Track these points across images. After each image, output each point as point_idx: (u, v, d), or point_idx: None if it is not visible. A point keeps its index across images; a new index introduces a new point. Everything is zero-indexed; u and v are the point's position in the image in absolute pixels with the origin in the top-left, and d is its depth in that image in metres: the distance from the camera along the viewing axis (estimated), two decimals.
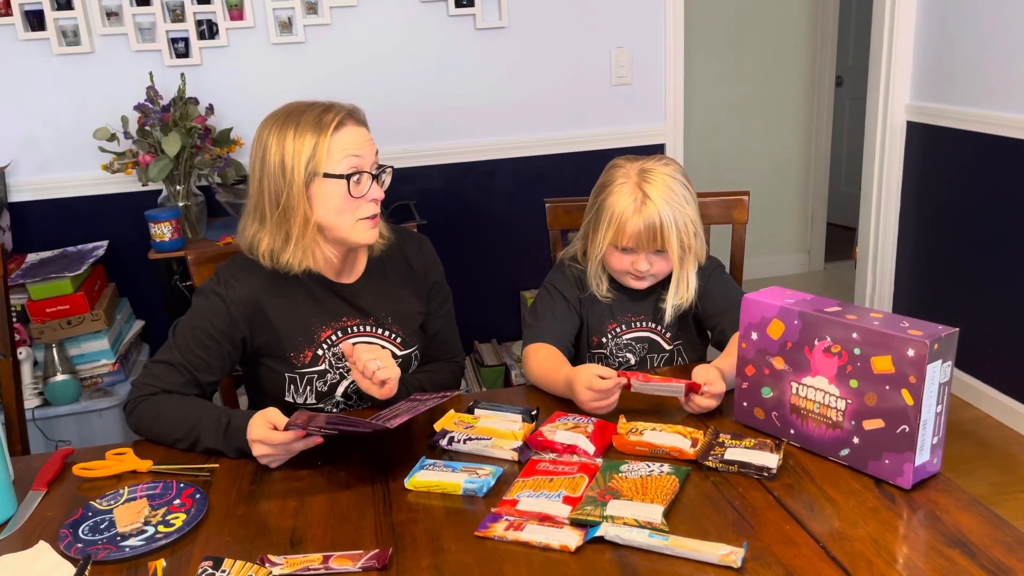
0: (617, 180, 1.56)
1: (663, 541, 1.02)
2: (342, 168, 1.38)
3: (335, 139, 1.37)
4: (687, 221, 1.54)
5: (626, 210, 1.52)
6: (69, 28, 2.64)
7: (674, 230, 1.52)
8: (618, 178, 1.56)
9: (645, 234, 1.52)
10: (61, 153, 2.73)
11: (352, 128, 1.40)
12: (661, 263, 1.57)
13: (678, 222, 1.52)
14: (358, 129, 1.41)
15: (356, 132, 1.40)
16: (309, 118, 1.38)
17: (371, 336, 1.51)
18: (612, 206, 1.54)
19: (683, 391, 1.35)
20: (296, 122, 1.38)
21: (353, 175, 1.38)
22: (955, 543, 1.02)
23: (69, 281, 2.39)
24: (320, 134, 1.37)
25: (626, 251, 1.56)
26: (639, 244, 1.53)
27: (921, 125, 3.07)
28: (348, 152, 1.38)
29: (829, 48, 4.24)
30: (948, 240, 3.02)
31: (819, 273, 4.56)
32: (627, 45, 3.06)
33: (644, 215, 1.51)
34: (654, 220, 1.51)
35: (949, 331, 1.09)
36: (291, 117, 1.39)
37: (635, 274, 1.58)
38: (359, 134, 1.41)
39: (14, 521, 1.17)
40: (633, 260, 1.56)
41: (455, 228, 3.05)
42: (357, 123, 1.41)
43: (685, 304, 1.61)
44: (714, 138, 4.16)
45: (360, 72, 2.87)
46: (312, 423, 1.20)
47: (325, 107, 1.40)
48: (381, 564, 1.01)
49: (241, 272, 1.45)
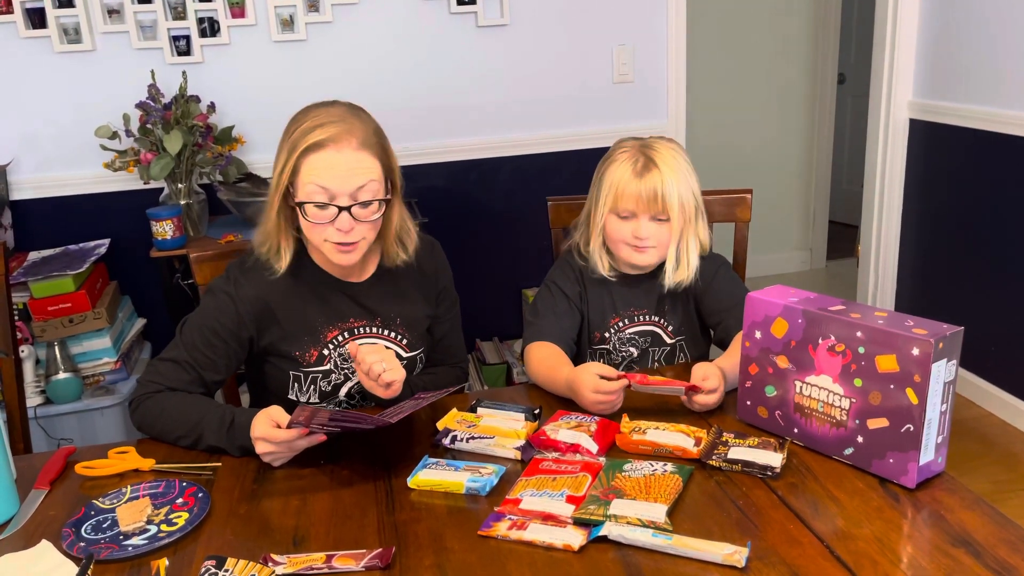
0: (619, 151, 1.57)
1: (667, 540, 1.01)
2: (302, 193, 1.34)
3: (305, 161, 1.33)
4: (689, 192, 1.54)
5: (626, 174, 1.53)
6: (70, 26, 2.63)
7: (676, 196, 1.52)
8: (620, 150, 1.57)
9: (645, 195, 1.51)
10: (62, 151, 2.73)
11: (330, 154, 1.32)
12: (662, 232, 1.55)
13: (680, 189, 1.53)
14: (339, 155, 1.32)
15: (333, 158, 1.32)
16: (299, 129, 1.34)
17: (377, 337, 1.50)
18: (612, 174, 1.55)
19: (683, 392, 1.35)
20: (292, 128, 1.37)
21: (306, 203, 1.34)
22: (960, 542, 1.01)
23: (71, 279, 2.38)
24: (292, 152, 1.34)
25: (626, 219, 1.55)
26: (639, 207, 1.53)
27: (924, 123, 3.06)
28: (312, 179, 1.32)
29: (831, 45, 4.23)
30: (951, 238, 3.01)
31: (821, 271, 4.55)
32: (629, 42, 3.06)
33: (645, 178, 1.52)
34: (655, 182, 1.51)
35: (954, 330, 1.09)
36: (295, 120, 1.38)
37: (635, 244, 1.56)
38: (337, 161, 1.32)
39: (16, 520, 1.16)
40: (633, 228, 1.55)
41: (457, 226, 3.05)
42: (344, 147, 1.32)
43: (685, 282, 1.59)
44: (716, 136, 4.15)
45: (361, 70, 2.87)
46: (315, 421, 1.19)
47: (320, 122, 1.33)
48: (384, 563, 1.01)
49: (251, 270, 1.44)
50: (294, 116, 1.39)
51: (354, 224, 1.35)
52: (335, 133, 1.33)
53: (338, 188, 1.33)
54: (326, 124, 1.33)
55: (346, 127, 1.34)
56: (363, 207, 1.36)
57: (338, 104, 1.40)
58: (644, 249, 1.56)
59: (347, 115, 1.36)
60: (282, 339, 1.45)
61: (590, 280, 1.64)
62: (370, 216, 1.37)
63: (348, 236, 1.36)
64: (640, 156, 1.54)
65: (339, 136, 1.33)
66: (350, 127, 1.34)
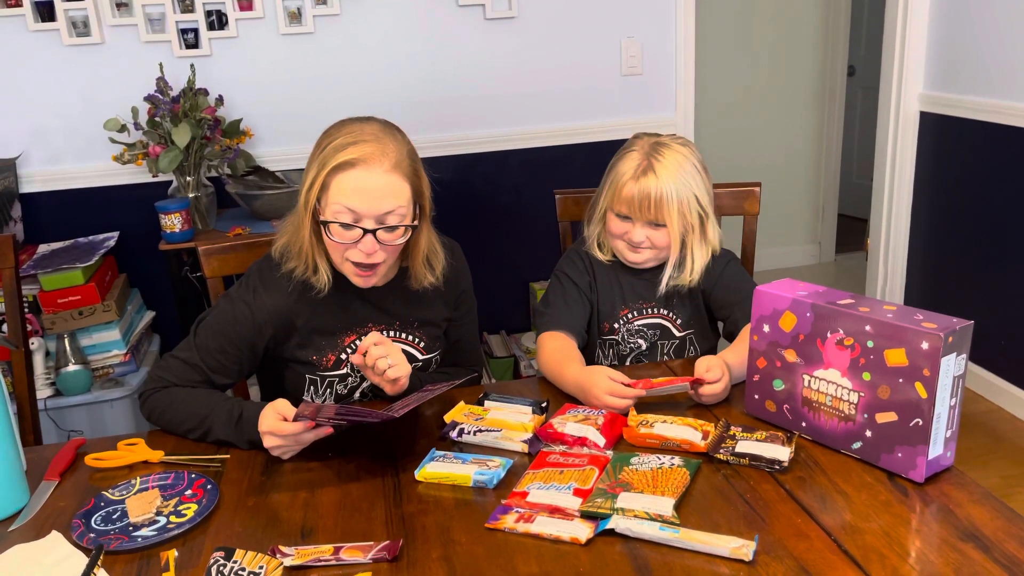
0: (631, 148, 1.57)
1: (674, 534, 1.01)
2: (329, 212, 1.31)
3: (334, 180, 1.30)
4: (691, 198, 1.53)
5: (626, 174, 1.53)
6: (79, 19, 2.64)
7: (674, 204, 1.51)
8: (632, 146, 1.57)
9: (639, 201, 1.51)
10: (71, 144, 2.74)
11: (360, 174, 1.29)
12: (659, 237, 1.55)
13: (680, 197, 1.51)
14: (369, 176, 1.29)
15: (363, 179, 1.29)
16: (331, 146, 1.31)
17: (394, 340, 1.48)
18: (616, 169, 1.56)
19: (688, 387, 1.36)
20: (324, 143, 1.34)
21: (331, 223, 1.31)
22: (968, 537, 1.01)
23: (80, 272, 2.39)
24: (322, 168, 1.31)
25: (623, 218, 1.55)
26: (632, 211, 1.53)
27: (934, 115, 3.04)
28: (340, 199, 1.30)
29: (841, 37, 4.20)
30: (961, 232, 2.99)
31: (830, 265, 4.53)
32: (637, 35, 3.04)
33: (641, 183, 1.51)
34: (650, 190, 1.50)
35: (964, 324, 1.08)
36: (328, 134, 1.35)
37: (629, 244, 1.57)
38: (368, 181, 1.29)
39: (27, 511, 1.17)
40: (628, 229, 1.55)
41: (464, 219, 3.05)
42: (375, 168, 1.29)
43: (686, 285, 1.60)
44: (725, 128, 4.14)
45: (369, 62, 2.86)
46: (320, 414, 1.20)
47: (353, 140, 1.30)
48: (391, 555, 1.01)
49: (271, 278, 1.41)
50: (327, 129, 1.36)
51: (377, 247, 1.33)
52: (367, 153, 1.29)
53: (365, 210, 1.30)
54: (359, 142, 1.30)
55: (379, 147, 1.31)
56: (389, 231, 1.33)
57: (373, 121, 1.36)
58: (638, 250, 1.57)
59: (381, 134, 1.33)
60: (300, 346, 1.44)
61: (600, 270, 1.64)
62: (395, 240, 1.35)
63: (370, 259, 1.33)
64: (644, 159, 1.53)
65: (371, 156, 1.30)
66: (383, 148, 1.31)
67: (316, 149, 1.35)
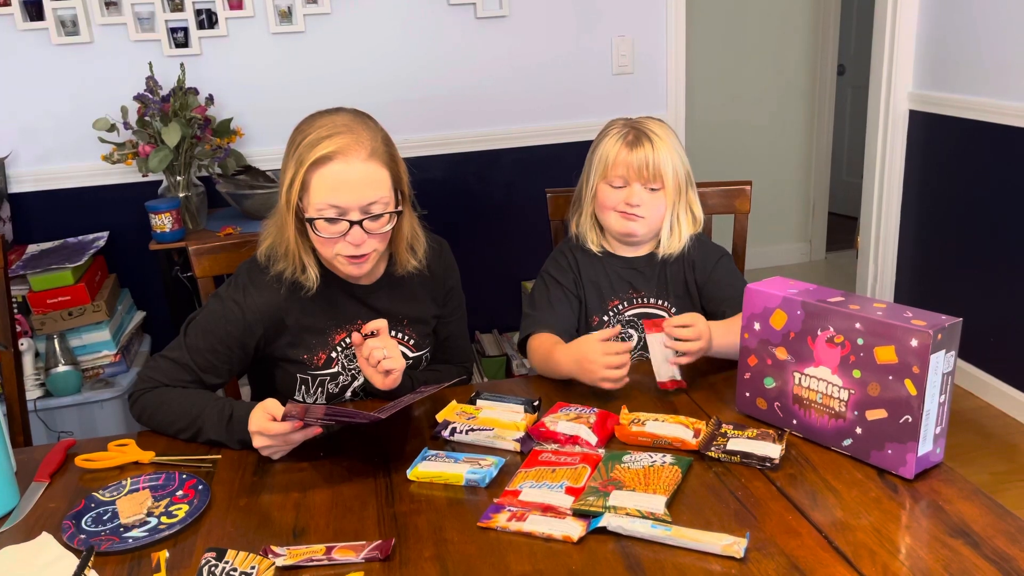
0: (610, 128, 1.60)
1: (666, 532, 1.01)
2: (313, 210, 1.31)
3: (313, 176, 1.29)
4: (680, 162, 1.57)
5: (618, 145, 1.55)
6: (68, 18, 2.63)
7: (668, 165, 1.54)
8: (611, 127, 1.60)
9: (637, 163, 1.53)
10: (61, 144, 2.72)
11: (339, 167, 1.29)
12: (655, 201, 1.56)
13: (672, 158, 1.55)
14: (348, 167, 1.29)
15: (343, 172, 1.29)
16: (305, 142, 1.30)
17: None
18: (604, 147, 1.58)
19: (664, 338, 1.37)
20: (297, 139, 1.33)
21: (316, 219, 1.31)
22: (958, 533, 1.01)
23: (70, 272, 2.38)
24: (299, 167, 1.30)
25: (618, 188, 1.57)
26: (630, 174, 1.54)
27: (924, 114, 3.05)
28: (322, 196, 1.30)
29: (831, 36, 4.22)
30: (950, 229, 3.01)
31: (820, 263, 4.55)
32: (628, 33, 3.05)
33: (636, 150, 1.54)
34: (647, 152, 1.53)
35: (953, 321, 1.09)
36: (299, 130, 1.34)
37: (625, 211, 1.56)
38: (348, 173, 1.29)
39: (17, 512, 1.17)
40: (626, 195, 1.56)
41: (456, 218, 3.05)
42: (352, 158, 1.29)
43: (676, 252, 1.61)
44: (715, 127, 4.15)
45: (360, 61, 2.86)
46: (309, 414, 1.20)
47: (326, 133, 1.29)
48: (384, 555, 1.01)
49: (261, 278, 1.41)
50: (298, 126, 1.36)
51: (365, 237, 1.33)
52: (343, 144, 1.29)
53: (349, 203, 1.30)
54: (333, 135, 1.29)
55: (354, 137, 1.30)
56: (374, 220, 1.33)
57: (343, 111, 1.35)
58: (634, 217, 1.57)
59: (353, 124, 1.32)
60: (290, 345, 1.44)
61: (585, 264, 1.64)
62: (381, 228, 1.35)
63: (359, 249, 1.33)
64: (631, 130, 1.56)
65: (347, 147, 1.29)
66: (358, 137, 1.30)
67: (290, 147, 1.34)
